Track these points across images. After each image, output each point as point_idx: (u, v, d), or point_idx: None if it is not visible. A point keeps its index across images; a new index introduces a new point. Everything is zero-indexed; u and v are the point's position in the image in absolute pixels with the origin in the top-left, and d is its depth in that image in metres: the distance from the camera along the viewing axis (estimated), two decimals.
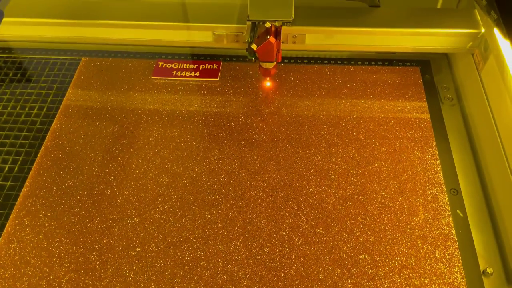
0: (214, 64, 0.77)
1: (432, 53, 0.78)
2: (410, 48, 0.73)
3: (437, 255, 0.55)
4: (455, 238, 0.56)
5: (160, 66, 0.77)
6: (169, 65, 0.77)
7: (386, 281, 0.53)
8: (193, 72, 0.76)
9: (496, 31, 0.63)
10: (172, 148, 0.66)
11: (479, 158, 0.65)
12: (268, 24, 0.66)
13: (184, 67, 0.77)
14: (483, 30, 0.68)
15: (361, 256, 0.55)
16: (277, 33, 0.67)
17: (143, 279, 0.54)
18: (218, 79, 0.75)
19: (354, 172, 0.63)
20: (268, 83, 0.75)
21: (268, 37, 0.64)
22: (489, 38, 0.65)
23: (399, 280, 0.53)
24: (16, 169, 0.65)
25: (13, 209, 0.61)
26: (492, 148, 0.62)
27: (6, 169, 0.65)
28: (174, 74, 0.76)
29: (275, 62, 0.69)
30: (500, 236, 0.57)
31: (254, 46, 0.65)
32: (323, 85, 0.75)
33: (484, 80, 0.66)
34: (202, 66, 0.77)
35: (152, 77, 0.76)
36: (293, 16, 0.66)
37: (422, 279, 0.53)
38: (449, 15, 0.71)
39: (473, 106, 0.69)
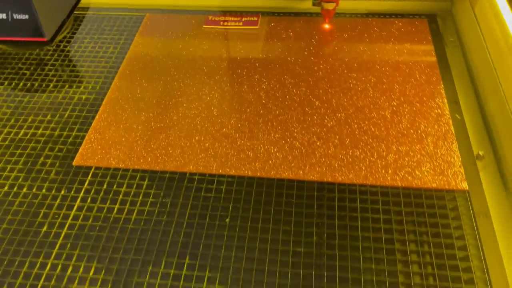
0: (254, 17, 0.94)
1: (438, 9, 0.93)
2: None
3: (437, 144, 0.68)
4: (453, 132, 0.69)
5: (210, 19, 0.94)
6: (217, 18, 0.94)
7: (394, 156, 0.66)
8: (237, 23, 0.93)
9: None
10: (223, 73, 0.82)
11: (476, 83, 0.78)
12: None
13: (230, 19, 0.94)
14: None
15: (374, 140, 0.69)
16: None
17: (198, 158, 0.69)
18: (257, 26, 0.92)
19: (371, 89, 0.77)
20: (326, 26, 0.91)
21: None
22: None
23: (406, 159, 0.66)
24: (98, 87, 0.82)
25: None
26: (487, 72, 0.75)
27: (90, 87, 0.82)
28: (221, 24, 0.93)
29: (335, 4, 0.83)
30: (491, 131, 0.69)
31: None
32: (344, 35, 0.90)
33: (477, 15, 0.80)
34: (245, 19, 0.94)
35: (204, 26, 0.93)
36: None
37: (424, 158, 0.66)
38: None
39: (471, 42, 0.82)
